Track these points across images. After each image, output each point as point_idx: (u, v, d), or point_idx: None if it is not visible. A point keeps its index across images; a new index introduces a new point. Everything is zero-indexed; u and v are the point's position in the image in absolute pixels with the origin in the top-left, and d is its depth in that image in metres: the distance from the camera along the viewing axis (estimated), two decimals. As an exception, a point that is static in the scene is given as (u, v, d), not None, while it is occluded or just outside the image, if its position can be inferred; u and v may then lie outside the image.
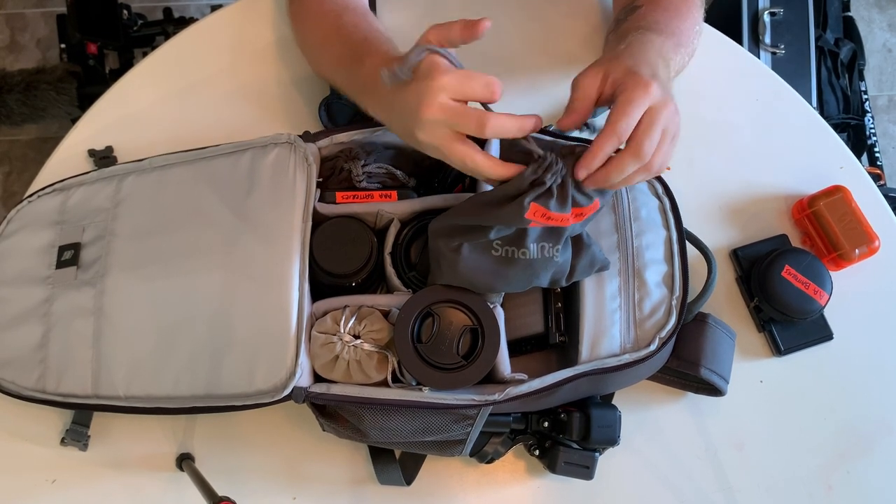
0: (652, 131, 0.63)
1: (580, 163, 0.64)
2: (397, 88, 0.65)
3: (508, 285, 0.70)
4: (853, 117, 1.38)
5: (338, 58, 0.77)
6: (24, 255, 0.81)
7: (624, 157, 0.64)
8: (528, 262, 0.68)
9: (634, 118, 0.63)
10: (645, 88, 0.63)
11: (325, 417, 0.74)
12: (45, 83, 1.54)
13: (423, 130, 0.64)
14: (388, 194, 0.78)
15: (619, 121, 0.63)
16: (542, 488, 0.82)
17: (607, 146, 0.64)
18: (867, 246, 0.87)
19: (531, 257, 0.68)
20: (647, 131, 0.63)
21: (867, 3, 1.94)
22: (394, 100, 0.66)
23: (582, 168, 0.64)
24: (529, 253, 0.68)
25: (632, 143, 0.64)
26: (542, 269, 0.69)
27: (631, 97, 0.63)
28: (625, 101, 0.63)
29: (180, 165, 0.81)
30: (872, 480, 0.85)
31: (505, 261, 0.69)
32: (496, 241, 0.68)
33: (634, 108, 0.63)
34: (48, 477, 0.81)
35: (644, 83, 0.64)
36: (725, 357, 0.80)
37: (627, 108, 0.63)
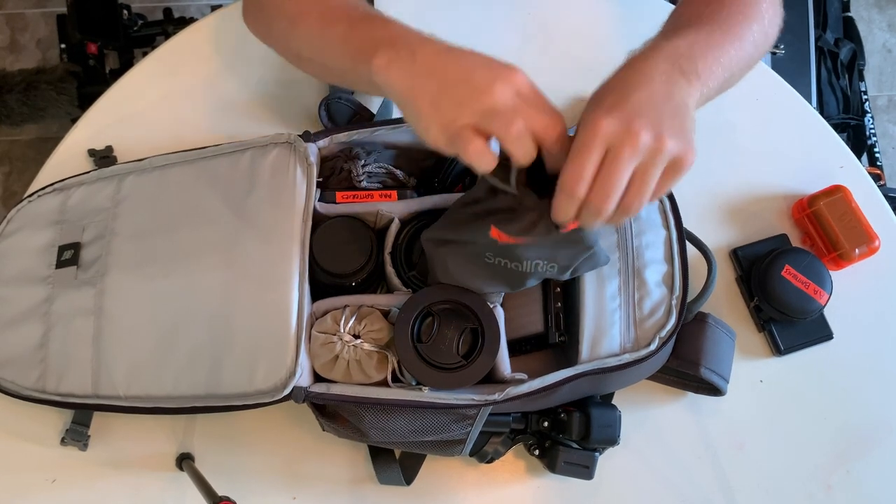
0: (609, 185, 0.54)
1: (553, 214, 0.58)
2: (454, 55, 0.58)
3: (500, 288, 0.71)
4: (853, 117, 1.38)
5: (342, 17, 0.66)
6: (24, 255, 0.81)
7: (583, 217, 0.57)
8: (521, 273, 0.68)
9: (587, 169, 0.54)
10: (592, 130, 0.54)
11: (325, 417, 0.74)
12: (45, 83, 1.54)
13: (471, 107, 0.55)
14: (388, 194, 0.78)
15: (564, 177, 0.55)
16: (542, 488, 0.82)
17: (566, 206, 0.56)
18: (867, 246, 0.87)
19: (523, 270, 0.68)
20: (603, 187, 0.54)
21: (867, 3, 1.94)
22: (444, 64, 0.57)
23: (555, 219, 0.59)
24: (522, 267, 0.68)
25: (587, 201, 0.55)
26: (536, 278, 0.69)
27: (576, 145, 0.55)
28: (573, 151, 0.55)
29: (180, 165, 0.81)
30: (872, 480, 0.85)
31: (496, 268, 0.69)
32: (487, 253, 0.68)
33: (581, 157, 0.54)
34: (48, 477, 0.81)
35: (592, 123, 0.54)
36: (725, 357, 0.80)
37: (575, 160, 0.54)
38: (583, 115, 0.57)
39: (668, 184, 0.57)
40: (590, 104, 0.58)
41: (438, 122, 0.57)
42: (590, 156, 0.54)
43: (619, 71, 0.60)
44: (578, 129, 0.56)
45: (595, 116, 0.55)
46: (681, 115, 0.57)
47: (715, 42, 0.64)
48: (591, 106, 0.57)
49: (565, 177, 0.55)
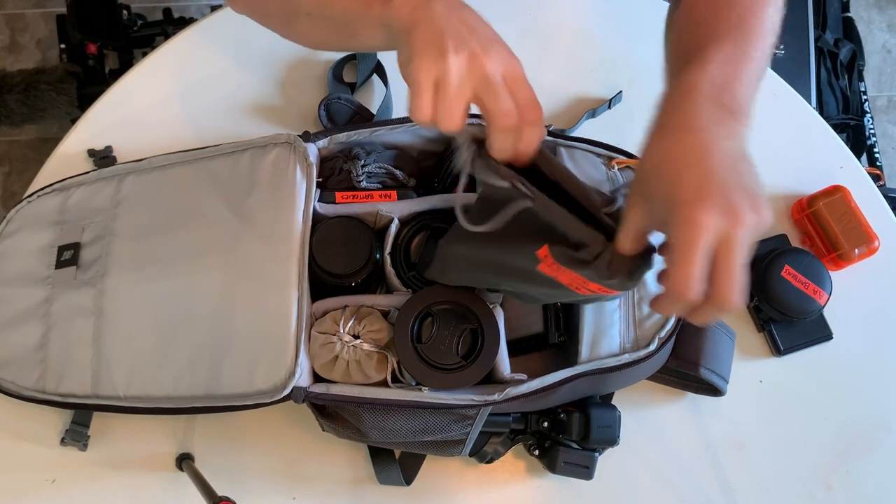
0: (731, 279, 0.48)
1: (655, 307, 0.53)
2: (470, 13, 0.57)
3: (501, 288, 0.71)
4: (853, 118, 1.38)
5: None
6: (23, 255, 0.81)
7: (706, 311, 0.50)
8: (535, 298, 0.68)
9: (691, 272, 0.48)
10: (696, 232, 0.47)
11: (324, 417, 0.74)
12: (44, 83, 1.54)
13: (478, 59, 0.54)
14: (387, 194, 0.78)
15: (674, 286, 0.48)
16: (541, 488, 0.82)
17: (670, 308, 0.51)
18: (867, 246, 0.87)
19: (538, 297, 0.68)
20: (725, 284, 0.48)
21: (867, 3, 1.94)
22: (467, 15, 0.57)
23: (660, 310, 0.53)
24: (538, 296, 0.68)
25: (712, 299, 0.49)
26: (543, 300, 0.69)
27: (684, 252, 0.48)
28: (679, 261, 0.48)
29: (180, 165, 0.81)
30: (872, 480, 0.85)
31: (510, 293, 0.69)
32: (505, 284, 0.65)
33: (689, 263, 0.48)
34: (48, 477, 0.80)
35: (691, 225, 0.47)
36: (725, 357, 0.80)
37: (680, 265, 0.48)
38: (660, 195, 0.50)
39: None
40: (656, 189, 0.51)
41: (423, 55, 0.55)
42: (699, 259, 0.48)
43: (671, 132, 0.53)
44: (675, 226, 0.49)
45: (691, 217, 0.47)
46: (750, 167, 0.51)
47: (744, 55, 0.57)
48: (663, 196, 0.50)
49: (675, 283, 0.49)
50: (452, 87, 0.54)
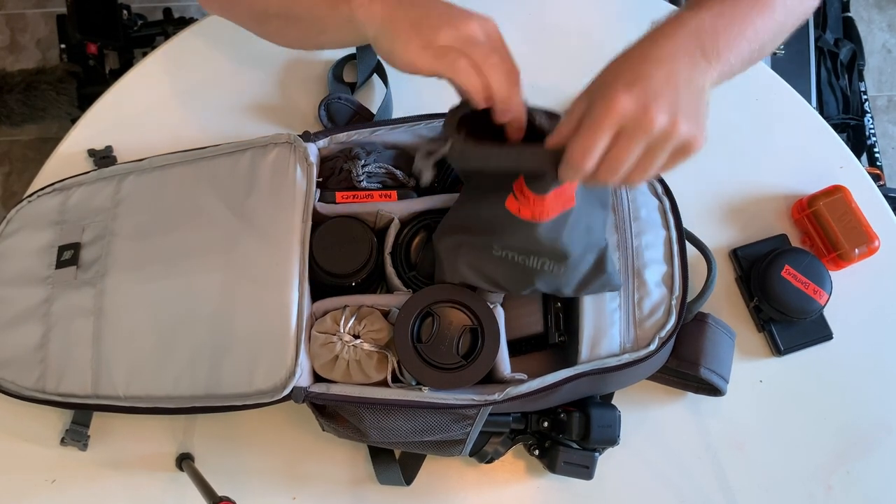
0: (618, 161, 0.54)
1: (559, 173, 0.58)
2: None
3: (506, 287, 0.71)
4: (853, 118, 1.38)
5: None
6: (24, 255, 0.81)
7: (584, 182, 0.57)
8: (528, 269, 0.68)
9: (594, 148, 0.54)
10: (609, 106, 0.53)
11: (324, 417, 0.74)
12: (45, 83, 1.54)
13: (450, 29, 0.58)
14: (388, 194, 0.78)
15: (572, 150, 0.54)
16: (541, 488, 0.82)
17: (568, 177, 0.57)
18: (867, 246, 0.87)
19: (530, 266, 0.68)
20: (611, 164, 0.54)
21: (867, 3, 1.94)
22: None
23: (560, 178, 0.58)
24: (528, 262, 0.68)
25: (595, 175, 0.55)
26: (539, 278, 0.69)
27: (593, 122, 0.53)
28: (586, 127, 0.54)
29: (180, 165, 0.81)
30: (872, 480, 0.85)
31: (503, 261, 0.69)
32: (496, 245, 0.69)
33: (594, 134, 0.53)
34: (48, 477, 0.80)
35: (610, 98, 0.53)
36: (725, 357, 0.80)
37: (588, 135, 0.53)
38: (599, 84, 0.56)
39: (672, 165, 0.57)
40: (607, 74, 0.57)
41: (419, 41, 0.58)
42: (602, 133, 0.53)
43: (641, 42, 0.58)
44: (595, 101, 0.54)
45: (614, 92, 0.53)
46: (697, 98, 0.56)
47: (741, 13, 0.60)
48: (609, 78, 0.56)
49: (574, 151, 0.54)
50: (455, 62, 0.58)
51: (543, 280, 0.70)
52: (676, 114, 0.54)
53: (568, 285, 0.71)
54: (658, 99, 0.53)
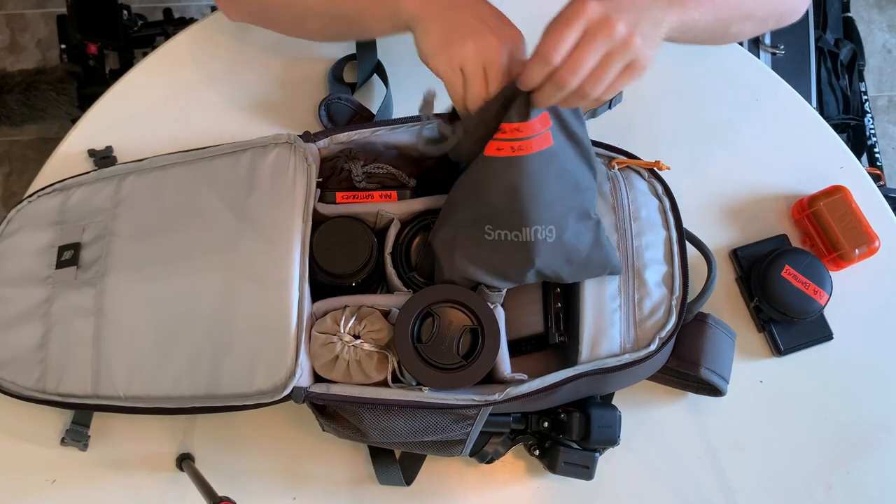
0: (580, 61, 0.59)
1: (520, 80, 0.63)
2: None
3: (505, 274, 0.71)
4: (853, 118, 1.38)
5: None
6: (24, 255, 0.81)
7: (546, 87, 0.62)
8: (522, 244, 0.68)
9: (564, 42, 0.59)
10: (576, 8, 0.59)
11: (325, 417, 0.74)
12: (45, 83, 1.54)
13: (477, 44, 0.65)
14: (388, 194, 0.78)
15: (545, 45, 0.60)
16: (542, 488, 0.82)
17: (535, 70, 0.61)
18: (867, 246, 0.87)
19: (524, 239, 0.68)
20: (575, 61, 0.59)
21: (867, 3, 1.94)
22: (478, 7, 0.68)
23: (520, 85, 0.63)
24: (522, 235, 0.68)
25: (556, 72, 0.60)
26: (538, 253, 0.69)
27: (560, 18, 0.60)
28: (553, 24, 0.60)
29: (180, 165, 0.81)
30: (872, 480, 0.85)
31: (498, 245, 0.69)
32: (487, 227, 0.69)
33: (563, 30, 0.59)
34: (48, 477, 0.80)
35: (577, 4, 0.59)
36: (725, 357, 0.80)
37: (554, 31, 0.59)
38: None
39: (622, 81, 0.62)
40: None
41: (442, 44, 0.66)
42: (571, 30, 0.59)
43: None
44: (566, 5, 0.60)
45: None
46: (654, 26, 0.62)
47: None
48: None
49: (544, 44, 0.60)
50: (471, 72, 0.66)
51: (542, 256, 0.69)
52: (634, 29, 0.60)
53: (568, 263, 0.71)
54: (621, 11, 0.60)
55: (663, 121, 0.93)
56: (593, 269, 0.73)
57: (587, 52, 0.59)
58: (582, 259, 0.71)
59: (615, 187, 0.79)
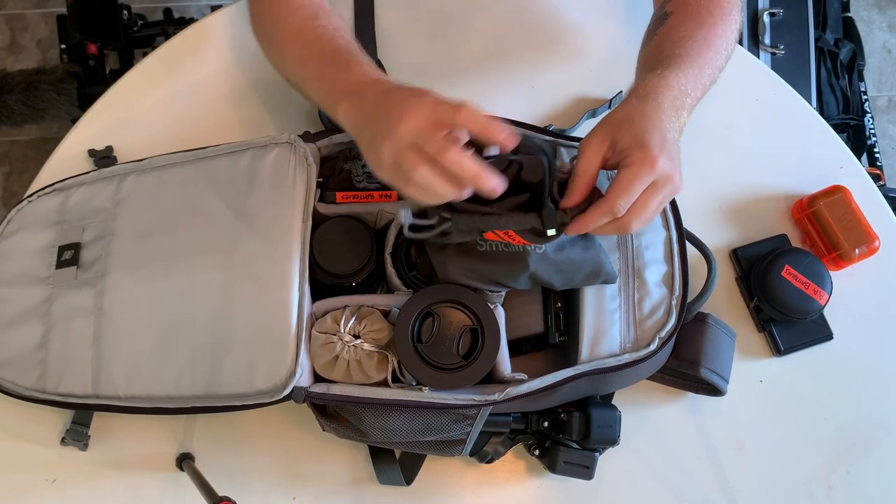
0: (647, 211, 0.63)
1: (571, 227, 0.64)
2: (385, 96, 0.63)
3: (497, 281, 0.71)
4: (853, 118, 1.38)
5: (315, 56, 0.72)
6: (24, 255, 0.81)
7: (607, 228, 0.64)
8: (514, 253, 0.68)
9: (634, 196, 0.62)
10: (651, 166, 0.61)
11: (325, 417, 0.74)
12: (45, 83, 1.54)
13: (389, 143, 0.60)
14: (388, 194, 0.78)
15: (619, 198, 0.62)
16: (542, 488, 0.82)
17: (601, 220, 0.63)
18: (867, 246, 0.87)
19: (516, 249, 0.69)
20: (642, 211, 0.63)
21: (867, 3, 1.94)
22: (376, 106, 0.63)
23: (571, 231, 0.65)
24: (513, 245, 0.68)
25: (622, 219, 0.63)
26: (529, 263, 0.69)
27: (636, 174, 0.62)
28: (628, 177, 0.62)
29: (180, 165, 0.81)
30: (872, 480, 0.85)
31: (490, 254, 0.70)
32: (479, 240, 0.69)
33: (637, 186, 0.62)
34: (48, 477, 0.80)
35: (651, 159, 0.61)
36: (725, 357, 0.80)
37: (629, 186, 0.62)
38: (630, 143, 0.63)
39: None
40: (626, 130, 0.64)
41: (376, 162, 0.63)
42: (644, 184, 0.62)
43: (645, 103, 0.66)
44: (635, 160, 0.62)
45: (653, 156, 0.61)
46: (680, 164, 0.65)
47: (701, 79, 0.72)
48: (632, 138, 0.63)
49: (616, 195, 0.62)
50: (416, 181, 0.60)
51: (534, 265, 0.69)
52: (680, 172, 0.64)
53: (559, 273, 0.71)
54: (676, 161, 0.64)
55: (663, 121, 0.93)
56: (585, 278, 0.73)
57: (654, 203, 0.63)
58: (573, 269, 0.72)
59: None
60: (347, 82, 0.68)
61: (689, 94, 0.70)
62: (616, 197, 0.62)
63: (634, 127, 0.64)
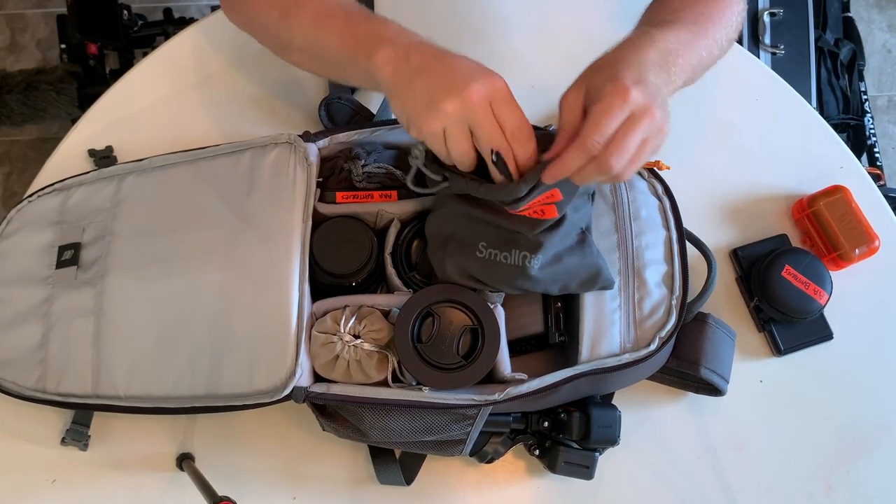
0: (625, 145, 0.59)
1: (547, 172, 0.61)
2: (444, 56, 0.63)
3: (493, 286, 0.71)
4: (853, 118, 1.38)
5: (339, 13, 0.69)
6: (24, 255, 0.81)
7: (588, 170, 0.60)
8: (512, 266, 0.69)
9: (608, 131, 0.59)
10: (623, 97, 0.59)
11: (325, 417, 0.74)
12: (45, 83, 1.54)
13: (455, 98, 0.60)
14: (388, 194, 0.78)
15: (591, 133, 0.59)
16: (542, 488, 0.82)
17: (577, 159, 0.60)
18: (867, 246, 0.87)
19: (514, 263, 0.69)
20: (620, 146, 0.59)
21: (867, 3, 1.94)
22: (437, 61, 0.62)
23: (548, 177, 0.61)
24: (512, 259, 0.69)
25: (600, 157, 0.59)
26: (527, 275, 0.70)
27: (607, 107, 0.59)
28: (599, 111, 0.59)
29: (180, 165, 0.81)
30: (872, 480, 0.85)
31: (488, 262, 0.70)
32: (481, 244, 0.69)
33: (609, 119, 0.58)
34: (48, 477, 0.80)
35: (622, 90, 0.59)
36: (725, 357, 0.80)
37: (601, 119, 0.58)
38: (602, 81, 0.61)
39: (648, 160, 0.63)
40: (599, 73, 0.63)
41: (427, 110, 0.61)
42: (615, 118, 0.59)
43: (622, 50, 0.65)
44: (606, 93, 0.59)
45: (624, 86, 0.59)
46: (667, 103, 0.63)
47: (695, 45, 0.70)
48: (611, 75, 0.61)
49: (589, 133, 0.59)
50: (453, 135, 0.61)
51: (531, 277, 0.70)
52: (665, 116, 0.61)
53: (555, 283, 0.72)
54: (656, 97, 0.60)
55: (663, 121, 0.93)
56: (582, 284, 0.73)
57: (632, 138, 0.59)
58: (569, 278, 0.72)
59: (615, 187, 0.79)
60: (383, 32, 0.66)
61: (680, 55, 0.67)
62: (588, 132, 0.59)
63: (607, 68, 0.62)
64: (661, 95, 0.62)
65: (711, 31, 0.72)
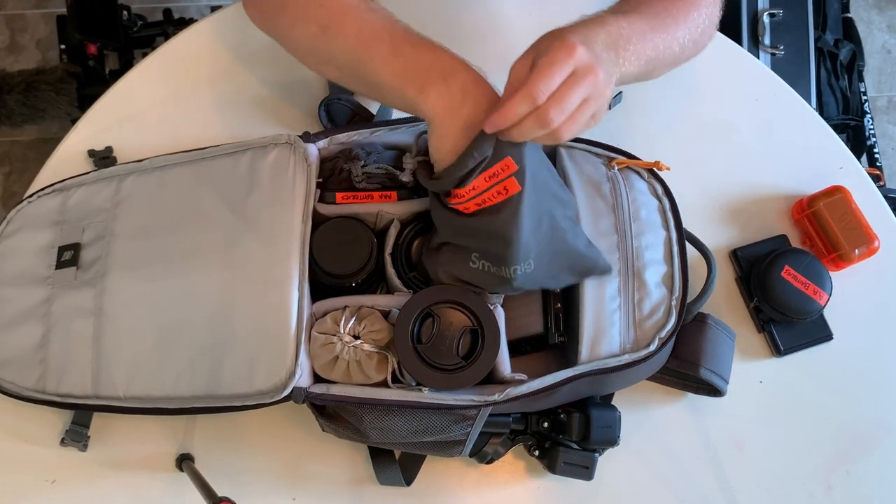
0: (566, 99, 0.60)
1: (489, 120, 0.61)
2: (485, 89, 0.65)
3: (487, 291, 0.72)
4: (852, 118, 1.38)
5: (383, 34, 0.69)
6: (24, 256, 0.81)
7: (528, 122, 0.61)
8: (504, 278, 0.69)
9: (553, 82, 0.59)
10: (568, 51, 0.59)
11: (324, 418, 0.74)
12: (45, 84, 1.54)
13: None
14: (388, 195, 0.78)
15: (537, 81, 0.59)
16: (541, 488, 0.82)
17: (520, 108, 0.60)
18: (867, 246, 0.87)
19: (505, 276, 0.69)
20: (561, 99, 0.59)
21: (867, 4, 1.94)
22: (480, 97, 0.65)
23: (490, 126, 0.62)
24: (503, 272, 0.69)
25: (541, 108, 0.60)
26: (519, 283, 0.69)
27: (552, 59, 0.59)
28: (545, 63, 0.59)
29: (180, 166, 0.81)
30: (872, 480, 0.85)
31: (479, 272, 0.70)
32: (474, 255, 0.69)
33: (555, 70, 0.59)
34: (48, 477, 0.80)
35: (568, 45, 0.60)
36: (725, 357, 0.80)
37: (546, 69, 0.59)
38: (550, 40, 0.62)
39: (584, 129, 0.64)
40: (547, 37, 0.63)
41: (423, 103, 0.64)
42: (560, 70, 0.59)
43: (575, 25, 0.66)
44: (552, 48, 0.60)
45: (571, 42, 0.60)
46: (612, 77, 0.64)
47: (650, 37, 0.70)
48: (560, 35, 0.62)
49: (534, 82, 0.59)
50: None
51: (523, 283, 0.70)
52: (607, 81, 0.62)
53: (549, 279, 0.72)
54: (601, 62, 0.62)
55: (663, 121, 0.93)
56: (578, 274, 0.73)
57: (574, 93, 0.60)
58: (562, 271, 0.72)
59: (615, 188, 0.79)
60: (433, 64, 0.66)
61: (632, 43, 0.67)
62: (534, 80, 0.59)
63: (556, 33, 0.63)
64: (607, 65, 0.63)
65: (672, 28, 0.73)
